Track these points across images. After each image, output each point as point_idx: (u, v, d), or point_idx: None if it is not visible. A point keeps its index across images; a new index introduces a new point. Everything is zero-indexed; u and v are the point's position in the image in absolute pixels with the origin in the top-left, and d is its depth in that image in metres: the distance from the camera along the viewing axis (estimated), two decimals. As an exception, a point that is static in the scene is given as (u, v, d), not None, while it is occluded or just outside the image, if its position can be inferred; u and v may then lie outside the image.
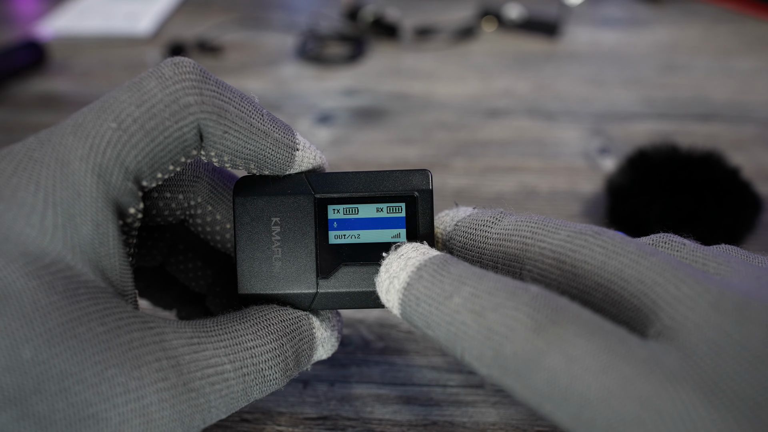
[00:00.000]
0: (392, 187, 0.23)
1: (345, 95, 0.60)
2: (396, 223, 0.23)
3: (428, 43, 0.71)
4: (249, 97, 0.21)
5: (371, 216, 0.23)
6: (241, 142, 0.20)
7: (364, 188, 0.23)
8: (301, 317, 0.22)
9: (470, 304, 0.17)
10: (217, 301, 0.27)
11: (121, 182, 0.18)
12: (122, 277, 0.19)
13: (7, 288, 0.16)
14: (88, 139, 0.18)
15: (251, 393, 0.20)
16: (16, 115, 0.57)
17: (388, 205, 0.23)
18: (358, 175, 0.23)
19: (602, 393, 0.15)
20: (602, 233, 0.19)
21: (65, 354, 0.16)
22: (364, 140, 0.52)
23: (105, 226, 0.18)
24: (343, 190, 0.23)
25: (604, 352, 0.15)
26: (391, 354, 0.32)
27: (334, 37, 0.71)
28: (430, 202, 0.23)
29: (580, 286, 0.18)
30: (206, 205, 0.23)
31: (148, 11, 0.79)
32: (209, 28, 0.73)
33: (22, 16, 0.81)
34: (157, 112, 0.19)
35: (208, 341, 0.19)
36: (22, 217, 0.17)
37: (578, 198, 0.44)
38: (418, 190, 0.23)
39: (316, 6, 0.83)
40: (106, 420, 0.17)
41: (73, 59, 0.68)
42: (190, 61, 0.19)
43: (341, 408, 0.29)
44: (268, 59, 0.68)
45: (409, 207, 0.23)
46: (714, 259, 0.19)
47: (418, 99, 0.59)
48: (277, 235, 0.23)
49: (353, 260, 0.23)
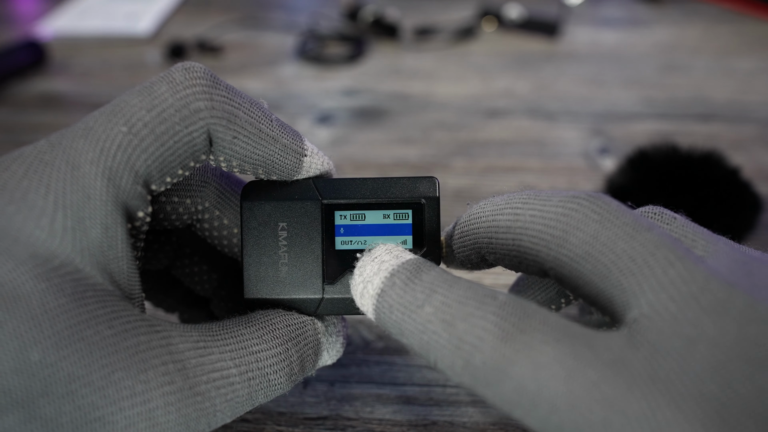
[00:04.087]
0: (399, 194, 0.23)
1: (345, 95, 0.60)
2: (402, 230, 0.23)
3: (428, 43, 0.71)
4: (258, 103, 0.21)
5: (378, 222, 0.23)
6: (250, 148, 0.20)
7: (371, 195, 0.23)
8: (306, 322, 0.22)
9: (441, 314, 0.17)
10: (222, 305, 0.27)
11: (131, 186, 0.19)
12: (130, 280, 0.19)
13: (17, 290, 0.16)
14: (98, 143, 0.18)
15: (256, 397, 0.20)
16: (16, 115, 0.57)
17: (395, 212, 0.23)
18: (366, 182, 0.23)
19: (569, 398, 0.15)
20: (598, 199, 0.18)
21: (73, 357, 0.16)
22: (364, 140, 0.52)
23: (114, 230, 0.18)
24: (351, 196, 0.23)
25: (570, 357, 0.16)
26: (391, 354, 0.32)
27: (334, 37, 0.71)
28: (436, 210, 0.23)
29: (570, 254, 0.18)
30: (214, 210, 0.23)
31: (148, 11, 0.79)
32: (209, 28, 0.73)
33: (22, 16, 0.81)
34: (167, 116, 0.19)
35: (213, 345, 0.19)
36: (32, 220, 0.17)
37: (578, 198, 0.44)
38: (425, 198, 0.23)
39: (316, 6, 0.83)
40: (113, 423, 0.17)
41: (73, 59, 0.68)
42: (200, 66, 0.20)
43: (341, 408, 0.29)
44: (268, 59, 0.68)
45: (416, 214, 0.23)
46: (703, 238, 0.19)
47: (418, 99, 0.59)
48: (284, 240, 0.23)
49: None
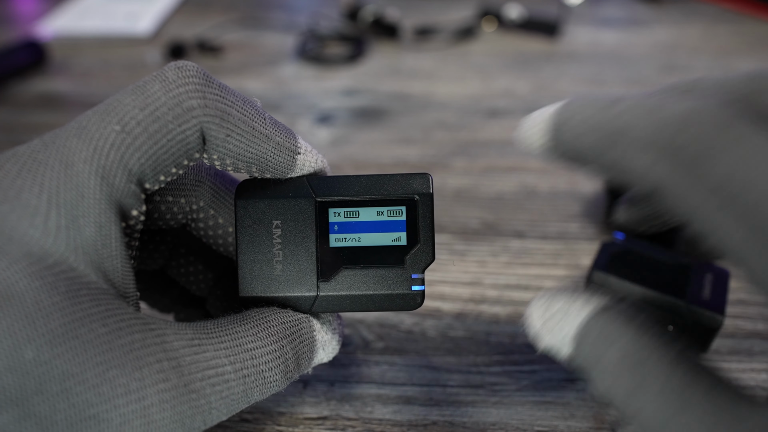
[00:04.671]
0: (393, 190, 0.23)
1: (345, 95, 0.60)
2: (397, 226, 0.23)
3: (428, 43, 0.71)
4: (251, 101, 0.21)
5: (372, 219, 0.23)
6: (244, 146, 0.20)
7: (364, 191, 0.23)
8: (301, 320, 0.22)
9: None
10: (217, 304, 0.27)
11: (125, 184, 0.19)
12: (124, 279, 0.19)
13: (11, 288, 0.16)
14: (92, 142, 0.18)
15: (251, 394, 0.20)
16: (16, 115, 0.57)
17: (388, 209, 0.23)
18: (359, 179, 0.23)
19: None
20: None
21: (67, 355, 0.16)
22: (364, 140, 0.52)
23: (108, 228, 0.18)
24: (344, 193, 0.23)
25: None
26: (391, 354, 0.32)
27: (334, 37, 0.71)
28: (430, 206, 0.23)
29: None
30: (208, 209, 0.23)
31: (148, 11, 0.79)
32: (209, 28, 0.73)
33: (22, 16, 0.81)
34: (160, 115, 0.19)
35: (208, 343, 0.19)
36: (26, 218, 0.17)
37: (578, 198, 0.44)
38: (418, 194, 0.23)
39: (316, 6, 0.83)
40: (108, 421, 0.17)
41: (73, 59, 0.68)
42: (193, 65, 0.20)
43: (341, 408, 0.29)
44: (268, 59, 0.68)
45: (410, 210, 0.23)
46: None
47: (418, 99, 0.59)
48: (278, 237, 0.23)
49: (354, 263, 0.23)
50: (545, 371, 0.31)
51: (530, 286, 0.36)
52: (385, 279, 0.23)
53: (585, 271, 0.37)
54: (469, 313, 0.34)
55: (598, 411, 0.28)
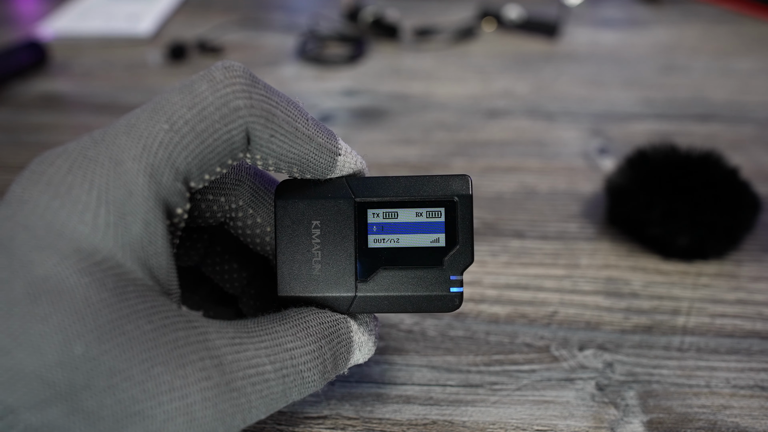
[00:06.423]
0: (432, 191, 0.23)
1: (345, 95, 0.60)
2: (435, 227, 0.23)
3: (428, 43, 0.71)
4: (295, 101, 0.21)
5: (411, 220, 0.23)
6: (287, 146, 0.20)
7: (403, 193, 0.23)
8: (339, 320, 0.22)
9: None
10: (251, 303, 0.27)
11: (171, 183, 0.19)
12: (168, 276, 0.19)
13: (61, 284, 0.16)
14: (141, 140, 0.18)
15: (290, 394, 0.20)
16: (17, 116, 0.57)
17: (427, 210, 0.23)
18: (398, 180, 0.23)
19: None
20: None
21: (114, 351, 0.16)
22: (364, 140, 0.53)
23: (154, 226, 0.18)
24: (383, 194, 0.23)
25: None
26: (391, 354, 0.32)
27: (334, 38, 0.71)
28: (469, 207, 0.23)
29: None
30: (247, 209, 0.24)
31: (148, 12, 0.79)
32: (210, 29, 0.74)
33: (23, 17, 0.82)
34: (207, 114, 0.19)
35: (249, 341, 0.19)
36: (76, 215, 0.18)
37: (578, 198, 0.44)
38: (458, 195, 0.23)
39: (316, 6, 0.83)
40: (152, 417, 0.17)
41: (74, 60, 0.68)
42: (240, 65, 0.20)
43: (341, 407, 0.29)
44: (269, 60, 0.68)
45: (449, 212, 0.23)
46: None
47: (418, 99, 0.59)
48: (317, 238, 0.23)
49: (392, 264, 0.23)
50: (545, 371, 0.31)
51: (530, 286, 0.36)
52: (424, 280, 0.23)
53: (584, 270, 0.37)
54: (468, 313, 0.34)
55: (598, 411, 0.29)
